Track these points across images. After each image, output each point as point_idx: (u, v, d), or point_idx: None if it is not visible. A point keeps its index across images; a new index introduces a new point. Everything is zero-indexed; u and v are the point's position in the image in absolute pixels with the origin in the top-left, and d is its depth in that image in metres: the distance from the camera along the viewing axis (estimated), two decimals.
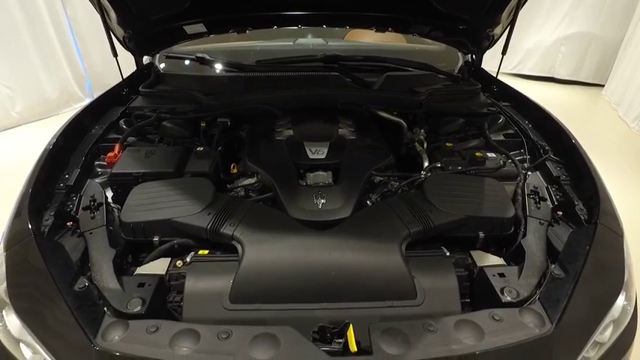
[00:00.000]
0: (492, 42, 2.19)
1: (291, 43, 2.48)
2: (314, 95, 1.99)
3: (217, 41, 2.47)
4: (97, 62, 5.38)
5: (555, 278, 1.21)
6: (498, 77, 2.30)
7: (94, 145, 1.67)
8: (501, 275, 1.22)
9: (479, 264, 1.30)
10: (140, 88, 2.04)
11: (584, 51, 6.23)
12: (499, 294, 1.16)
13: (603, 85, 6.11)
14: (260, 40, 2.52)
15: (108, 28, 1.87)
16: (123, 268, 1.28)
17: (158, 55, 2.34)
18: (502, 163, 1.59)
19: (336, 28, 2.76)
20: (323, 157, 1.59)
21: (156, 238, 1.31)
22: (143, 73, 2.26)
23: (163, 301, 1.19)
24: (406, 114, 2.01)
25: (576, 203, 1.45)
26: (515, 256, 1.35)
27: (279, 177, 1.49)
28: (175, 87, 2.10)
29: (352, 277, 1.18)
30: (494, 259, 1.33)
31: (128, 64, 2.16)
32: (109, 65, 5.28)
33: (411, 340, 1.01)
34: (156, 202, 1.35)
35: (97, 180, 1.58)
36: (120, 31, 1.96)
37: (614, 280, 1.22)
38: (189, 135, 1.82)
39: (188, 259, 1.23)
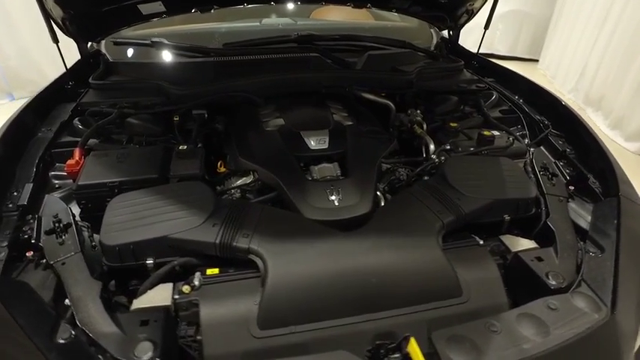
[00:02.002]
0: (471, 17, 2.13)
1: (258, 23, 2.24)
2: (296, 79, 1.80)
3: (167, 24, 2.16)
4: (11, 54, 4.65)
5: (593, 257, 1.16)
6: None
7: (45, 152, 1.36)
8: (539, 259, 1.16)
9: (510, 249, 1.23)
10: (90, 80, 1.72)
11: (519, 28, 6.54)
12: (544, 279, 1.09)
13: (538, 60, 6.47)
14: (219, 21, 2.25)
15: (44, 8, 1.53)
16: (111, 303, 1.04)
17: (104, 42, 2.00)
18: (511, 140, 1.53)
19: (301, 7, 2.56)
20: (325, 146, 1.42)
21: (150, 261, 1.07)
22: (89, 62, 1.91)
23: (174, 339, 0.97)
24: (393, 95, 1.89)
25: (588, 176, 1.43)
26: (541, 237, 1.29)
27: (283, 173, 1.30)
28: (133, 77, 1.80)
29: (394, 281, 1.04)
30: (524, 243, 1.26)
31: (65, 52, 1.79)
32: (28, 58, 4.66)
33: (480, 346, 0.91)
34: (144, 217, 1.10)
35: (56, 194, 1.29)
36: (58, 12, 1.61)
37: None
38: (162, 132, 1.56)
39: (197, 283, 1.02)
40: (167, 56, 1.89)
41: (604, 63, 4.47)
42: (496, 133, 1.59)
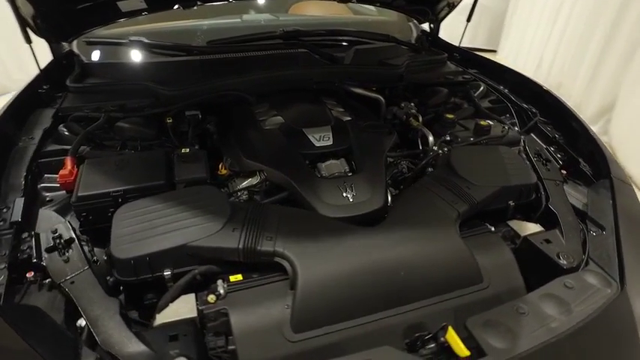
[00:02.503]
0: (451, 9, 2.17)
1: (239, 20, 2.18)
2: (287, 76, 1.76)
3: (139, 22, 2.05)
4: None
5: (596, 236, 1.23)
6: None
7: (32, 163, 1.25)
8: (548, 241, 1.20)
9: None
10: (68, 84, 1.60)
11: (478, 20, 6.77)
12: (556, 260, 1.14)
13: (496, 51, 6.74)
14: (198, 18, 2.16)
15: (13, 4, 1.40)
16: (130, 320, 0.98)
17: (76, 42, 1.86)
18: (506, 129, 1.57)
19: (279, 1, 2.52)
20: (330, 143, 1.40)
21: (167, 272, 1.02)
22: (62, 64, 1.78)
23: (205, 351, 0.93)
24: (382, 89, 1.90)
25: (579, 160, 1.50)
26: (543, 220, 1.34)
27: (293, 172, 1.27)
28: (113, 79, 1.69)
29: (420, 273, 1.05)
30: (531, 227, 1.30)
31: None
32: None
33: (513, 329, 0.93)
34: (157, 226, 1.04)
35: (49, 208, 1.19)
36: (29, 9, 1.48)
37: None
38: (156, 135, 1.48)
39: (222, 291, 0.98)
40: (148, 56, 1.79)
41: (560, 52, 4.72)
42: (490, 122, 1.63)
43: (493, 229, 1.24)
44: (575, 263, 1.13)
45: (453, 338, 0.92)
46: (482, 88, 1.89)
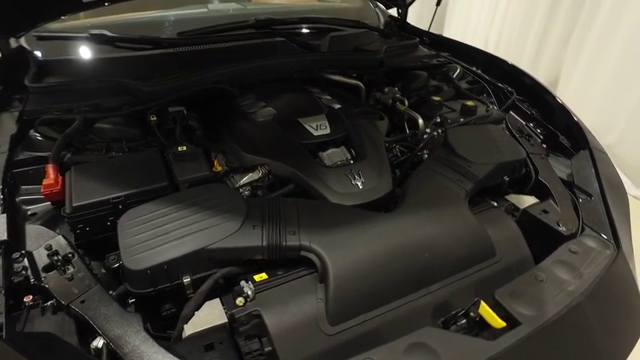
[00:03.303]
0: None
1: (205, 9, 2.06)
2: (269, 66, 1.70)
3: (96, 15, 1.88)
4: None
5: (585, 203, 1.31)
6: None
7: (5, 175, 1.11)
8: (545, 212, 1.27)
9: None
10: (28, 84, 1.43)
11: (421, 6, 6.96)
12: (557, 228, 1.20)
13: (441, 35, 6.97)
14: (162, 8, 2.02)
15: None
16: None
17: (24, 38, 1.67)
18: (491, 108, 1.63)
19: None
20: (328, 131, 1.38)
21: (187, 279, 0.95)
22: (12, 62, 1.59)
23: (241, 357, 0.88)
24: (361, 75, 1.90)
25: (557, 134, 1.60)
26: (533, 193, 1.42)
27: (298, 164, 1.24)
28: (79, 76, 1.54)
29: (442, 253, 1.07)
30: (527, 199, 1.37)
31: None
32: None
33: (537, 296, 0.98)
34: (170, 231, 0.97)
35: (35, 223, 1.06)
36: None
37: (624, 192, 1.39)
38: (140, 135, 1.37)
39: (249, 292, 0.93)
40: (115, 51, 1.65)
41: (504, 33, 4.97)
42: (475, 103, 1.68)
43: (495, 204, 1.29)
44: (573, 230, 1.20)
45: (486, 312, 0.94)
46: (458, 70, 1.94)
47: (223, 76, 1.60)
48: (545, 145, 1.60)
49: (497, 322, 0.92)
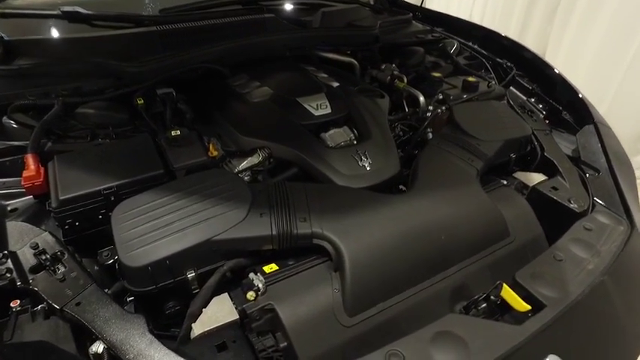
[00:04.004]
0: None
1: None
2: (261, 44, 1.60)
3: None
4: None
5: (594, 179, 1.29)
6: None
7: None
8: (555, 189, 1.24)
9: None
10: None
11: None
12: (568, 205, 1.18)
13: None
14: None
15: None
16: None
17: None
18: (493, 84, 1.58)
19: None
20: (329, 111, 1.30)
21: (191, 274, 0.88)
22: None
23: (256, 355, 0.82)
24: (355, 52, 1.82)
25: (560, 109, 1.56)
26: (540, 170, 1.38)
27: (301, 145, 1.16)
28: (53, 57, 1.40)
29: (458, 235, 1.03)
30: (535, 177, 1.34)
31: None
32: None
33: (559, 277, 0.95)
34: (170, 222, 0.89)
35: (16, 219, 0.97)
36: None
37: (630, 167, 1.37)
38: (128, 119, 1.26)
39: (260, 285, 0.87)
40: (92, 29, 1.51)
41: (489, 6, 4.91)
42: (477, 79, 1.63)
43: (505, 182, 1.25)
44: (585, 206, 1.18)
45: (510, 295, 0.91)
46: (455, 45, 1.88)
47: (212, 55, 1.49)
48: (547, 121, 1.57)
49: (522, 305, 0.88)
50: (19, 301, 0.81)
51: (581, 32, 3.36)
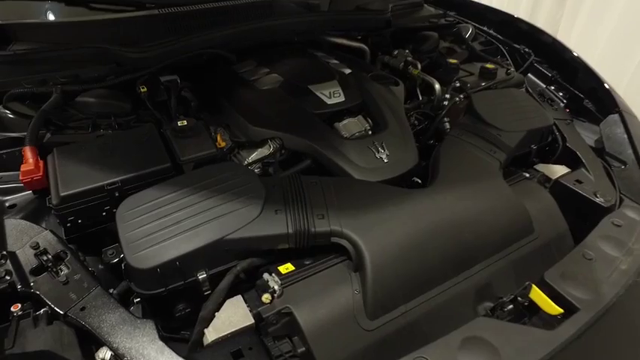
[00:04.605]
0: None
1: None
2: (268, 28, 1.52)
3: None
4: None
5: (620, 171, 1.23)
6: None
7: None
8: (579, 182, 1.18)
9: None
10: None
11: None
12: (595, 200, 1.12)
13: None
14: None
15: None
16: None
17: None
18: (512, 70, 1.51)
19: None
20: (342, 99, 1.23)
21: (202, 275, 0.82)
22: None
23: None
24: (366, 37, 1.74)
25: (582, 97, 1.49)
26: (561, 161, 1.32)
27: (314, 136, 1.10)
28: (50, 42, 1.32)
29: (482, 232, 0.98)
30: (558, 169, 1.27)
31: None
32: None
33: (590, 277, 0.90)
34: (180, 220, 0.83)
35: (15, 216, 0.91)
36: None
37: None
38: (131, 108, 1.19)
39: (275, 287, 0.81)
40: (89, 12, 1.43)
41: None
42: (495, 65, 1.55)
43: (528, 175, 1.19)
44: (613, 201, 1.12)
45: (539, 296, 0.86)
46: (470, 30, 1.79)
47: (217, 39, 1.42)
48: (567, 110, 1.50)
49: (553, 309, 0.83)
50: (20, 305, 0.76)
51: (594, 17, 3.26)
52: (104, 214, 0.91)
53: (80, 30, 1.32)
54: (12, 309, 0.76)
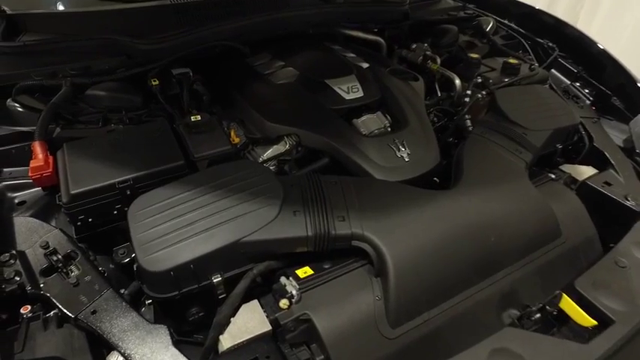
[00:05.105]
0: None
1: None
2: (282, 20, 1.47)
3: None
4: None
5: None
6: None
7: None
8: (608, 184, 1.13)
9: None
10: None
11: None
12: (624, 203, 1.07)
13: None
14: None
15: None
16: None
17: None
18: (536, 66, 1.45)
19: None
20: (361, 94, 1.18)
21: (217, 278, 0.79)
22: None
23: None
24: (382, 30, 1.69)
25: (609, 94, 1.43)
26: (587, 162, 1.27)
27: (333, 133, 1.06)
28: (60, 32, 1.29)
29: (508, 235, 0.93)
30: (585, 170, 1.22)
31: None
32: None
33: (625, 286, 0.86)
34: (194, 221, 0.79)
35: (24, 214, 0.88)
36: None
37: None
38: (142, 102, 1.15)
39: (293, 292, 0.78)
40: (99, 3, 1.39)
41: None
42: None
43: (554, 176, 1.14)
44: None
45: (570, 306, 0.82)
46: (492, 23, 1.73)
47: (230, 31, 1.37)
48: (594, 108, 1.44)
49: (586, 320, 0.79)
50: (29, 307, 0.73)
51: (615, 12, 3.16)
52: (115, 212, 0.88)
53: (90, 20, 1.28)
54: (22, 311, 0.73)
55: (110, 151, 0.91)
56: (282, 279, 0.82)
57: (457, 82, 1.39)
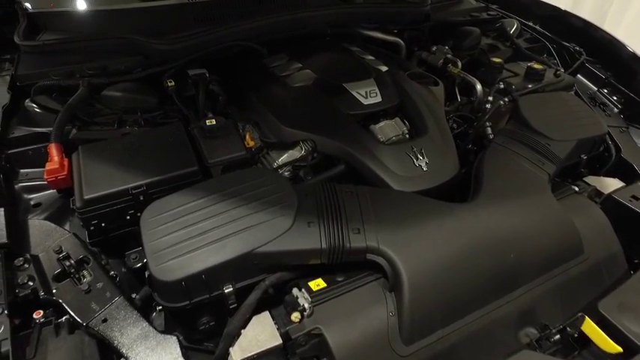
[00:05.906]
0: None
1: None
2: (300, 20, 1.45)
3: None
4: None
5: None
6: None
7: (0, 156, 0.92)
8: (635, 198, 1.08)
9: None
10: (18, 41, 1.20)
11: None
12: None
13: None
14: None
15: None
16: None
17: None
18: (561, 72, 1.40)
19: None
20: (379, 99, 1.16)
21: (229, 288, 0.78)
22: None
23: None
24: (401, 32, 1.65)
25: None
26: (612, 173, 1.22)
27: (350, 139, 1.04)
28: (79, 32, 1.29)
29: (529, 251, 0.90)
30: (611, 182, 1.17)
31: None
32: None
33: None
34: (207, 230, 0.78)
35: (40, 216, 0.88)
36: None
37: None
38: (157, 104, 1.15)
39: (306, 305, 0.76)
40: (118, 2, 1.39)
41: None
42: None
43: (577, 188, 1.10)
44: None
45: (593, 330, 0.79)
46: (515, 25, 1.67)
47: (248, 31, 1.36)
48: (622, 116, 1.39)
49: (611, 346, 0.76)
50: (42, 312, 0.74)
51: None
52: (128, 217, 0.88)
53: (107, 19, 1.28)
54: (34, 316, 0.73)
55: (124, 155, 0.91)
56: (295, 290, 0.80)
57: (478, 87, 1.35)
